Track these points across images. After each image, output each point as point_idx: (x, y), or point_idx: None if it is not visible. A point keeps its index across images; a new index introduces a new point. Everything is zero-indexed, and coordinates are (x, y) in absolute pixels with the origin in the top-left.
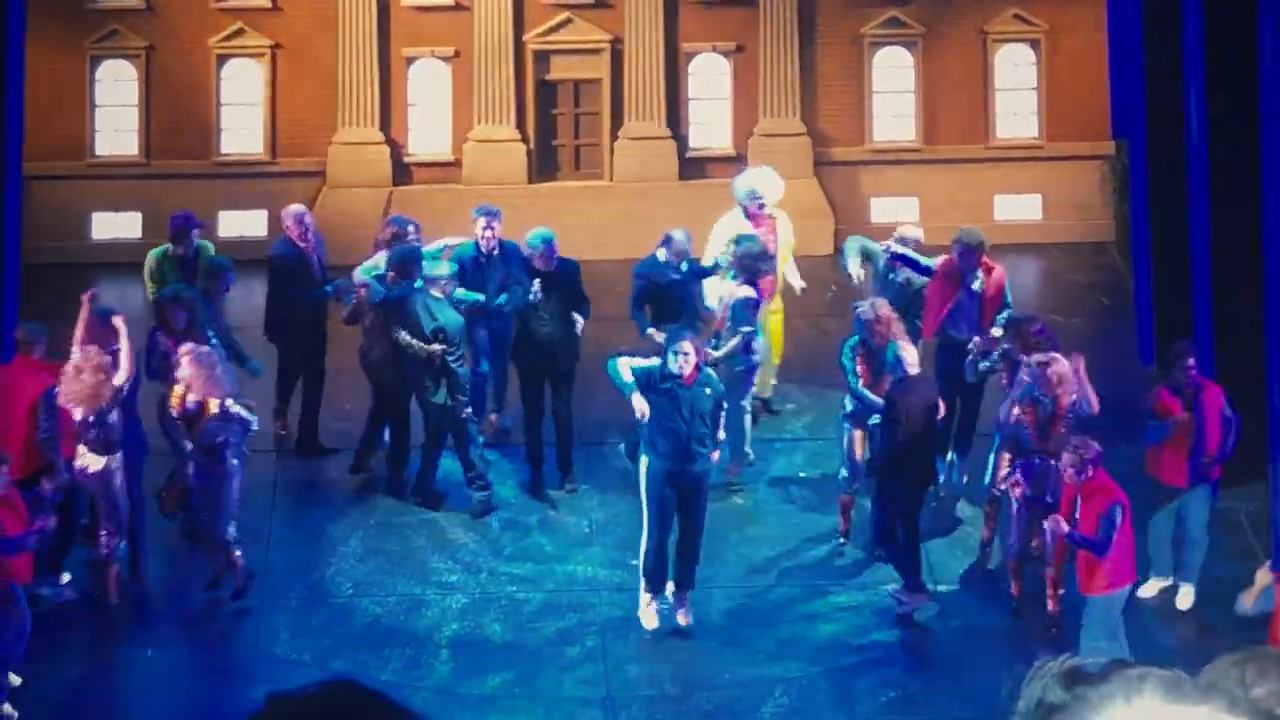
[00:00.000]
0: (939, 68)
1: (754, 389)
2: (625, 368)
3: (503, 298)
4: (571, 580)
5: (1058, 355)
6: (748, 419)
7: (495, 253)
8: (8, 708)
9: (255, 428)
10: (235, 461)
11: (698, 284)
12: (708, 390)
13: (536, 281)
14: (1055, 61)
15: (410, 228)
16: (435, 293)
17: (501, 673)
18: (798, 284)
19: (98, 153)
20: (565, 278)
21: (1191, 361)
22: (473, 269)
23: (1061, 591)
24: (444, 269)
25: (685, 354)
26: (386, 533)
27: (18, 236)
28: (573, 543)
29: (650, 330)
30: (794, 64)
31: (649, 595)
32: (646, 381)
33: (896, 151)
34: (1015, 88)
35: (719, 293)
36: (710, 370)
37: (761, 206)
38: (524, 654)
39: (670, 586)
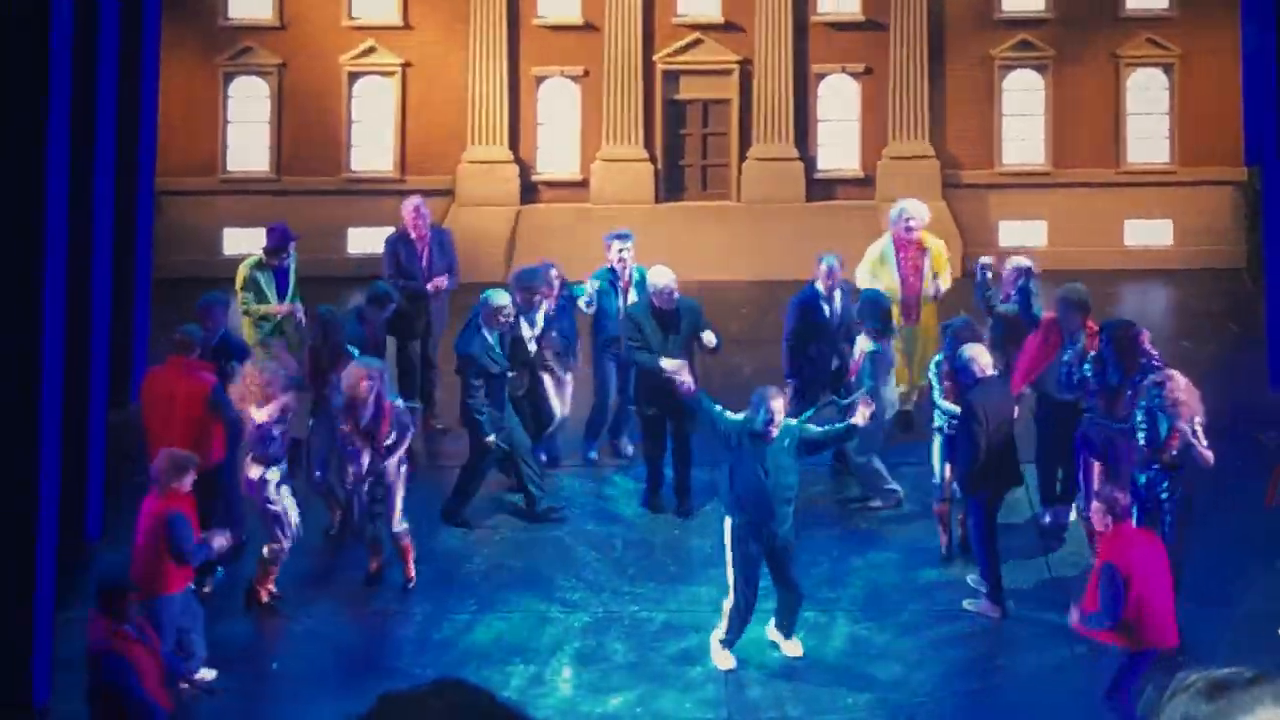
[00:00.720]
0: (1070, 91)
1: (896, 405)
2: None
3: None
4: (694, 601)
5: (1174, 372)
6: (879, 464)
7: (631, 277)
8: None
9: (412, 430)
10: (405, 457)
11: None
12: (787, 442)
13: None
14: (1188, 86)
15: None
16: (482, 322)
17: (623, 692)
18: (944, 284)
19: (229, 169)
20: (685, 317)
21: None
22: (611, 294)
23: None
24: (500, 299)
25: (775, 413)
26: (511, 549)
27: (149, 251)
28: (696, 564)
29: (789, 381)
30: (924, 86)
31: (723, 648)
32: (731, 436)
33: (1026, 175)
34: (1147, 112)
35: (860, 345)
36: (790, 420)
37: (909, 229)
38: (646, 674)
39: (771, 625)
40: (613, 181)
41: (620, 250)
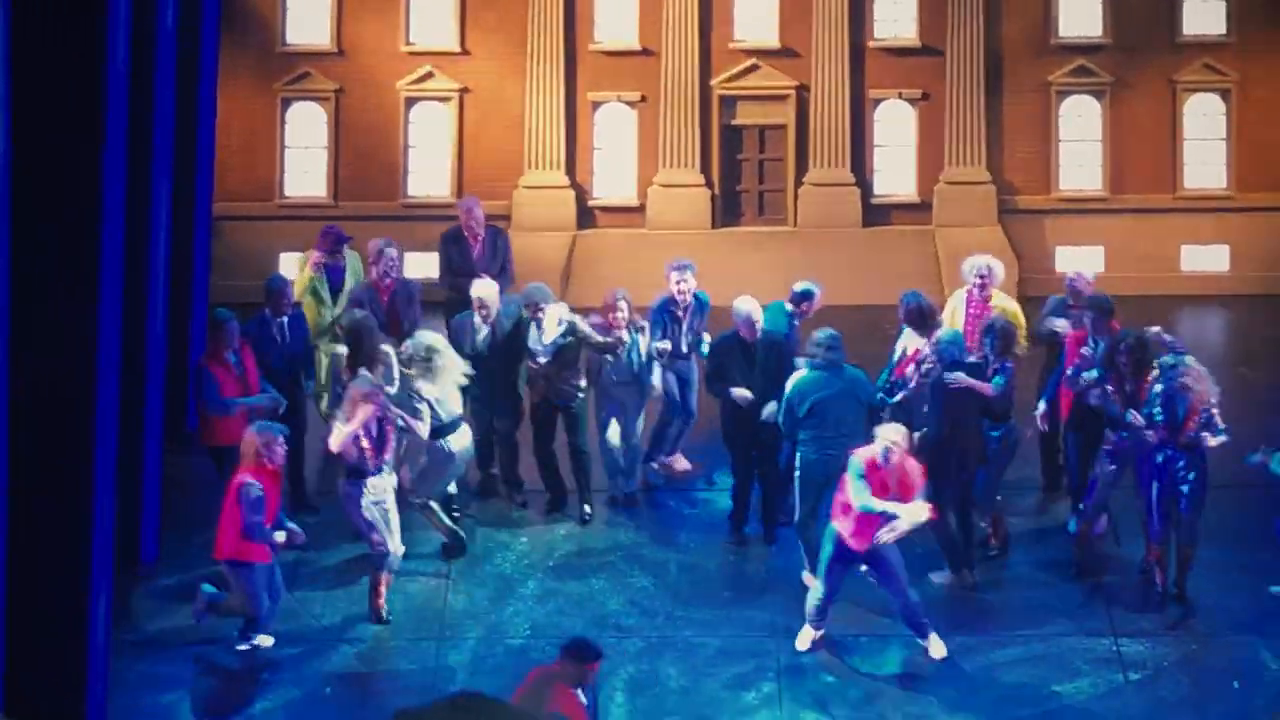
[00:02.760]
0: (1127, 117)
1: None
2: None
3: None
4: (749, 626)
5: (1188, 358)
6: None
7: (690, 307)
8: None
9: None
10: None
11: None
12: None
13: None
14: (1245, 111)
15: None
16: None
17: (676, 717)
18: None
19: (287, 194)
20: (769, 350)
21: None
22: (669, 321)
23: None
24: (479, 290)
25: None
26: (565, 575)
27: (207, 276)
28: (750, 589)
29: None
30: (980, 112)
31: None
32: None
33: (1083, 200)
34: (1204, 138)
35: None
36: None
37: (979, 286)
38: (700, 699)
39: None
40: (669, 207)
41: (679, 280)
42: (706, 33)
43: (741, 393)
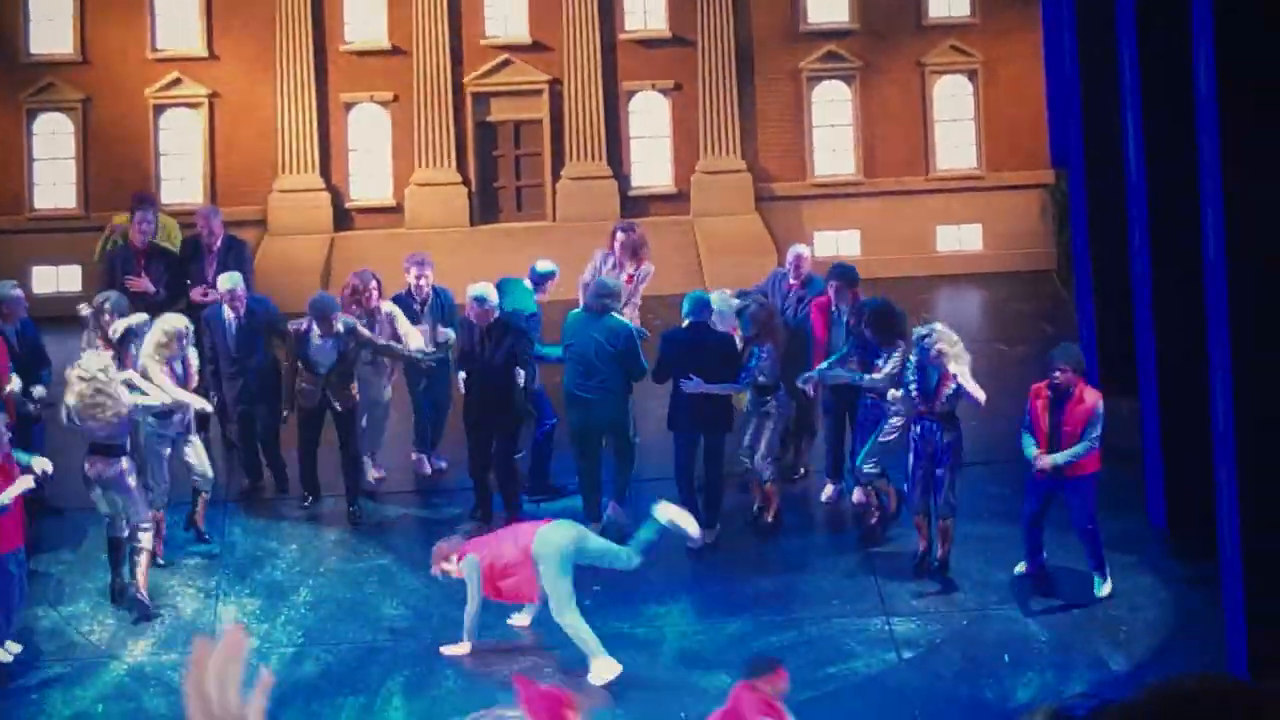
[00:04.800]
0: (878, 101)
1: None
2: None
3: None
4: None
5: (937, 325)
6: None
7: (429, 300)
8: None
9: None
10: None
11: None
12: None
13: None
14: (993, 92)
15: (372, 281)
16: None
17: (457, 717)
18: None
19: (36, 206)
20: (505, 332)
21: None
22: (407, 316)
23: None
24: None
25: None
26: (337, 580)
27: None
28: None
29: None
30: (733, 100)
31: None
32: None
33: (837, 185)
34: (954, 119)
35: None
36: None
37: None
38: (478, 699)
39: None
40: (427, 206)
41: (417, 275)
42: (457, 29)
43: (461, 376)
